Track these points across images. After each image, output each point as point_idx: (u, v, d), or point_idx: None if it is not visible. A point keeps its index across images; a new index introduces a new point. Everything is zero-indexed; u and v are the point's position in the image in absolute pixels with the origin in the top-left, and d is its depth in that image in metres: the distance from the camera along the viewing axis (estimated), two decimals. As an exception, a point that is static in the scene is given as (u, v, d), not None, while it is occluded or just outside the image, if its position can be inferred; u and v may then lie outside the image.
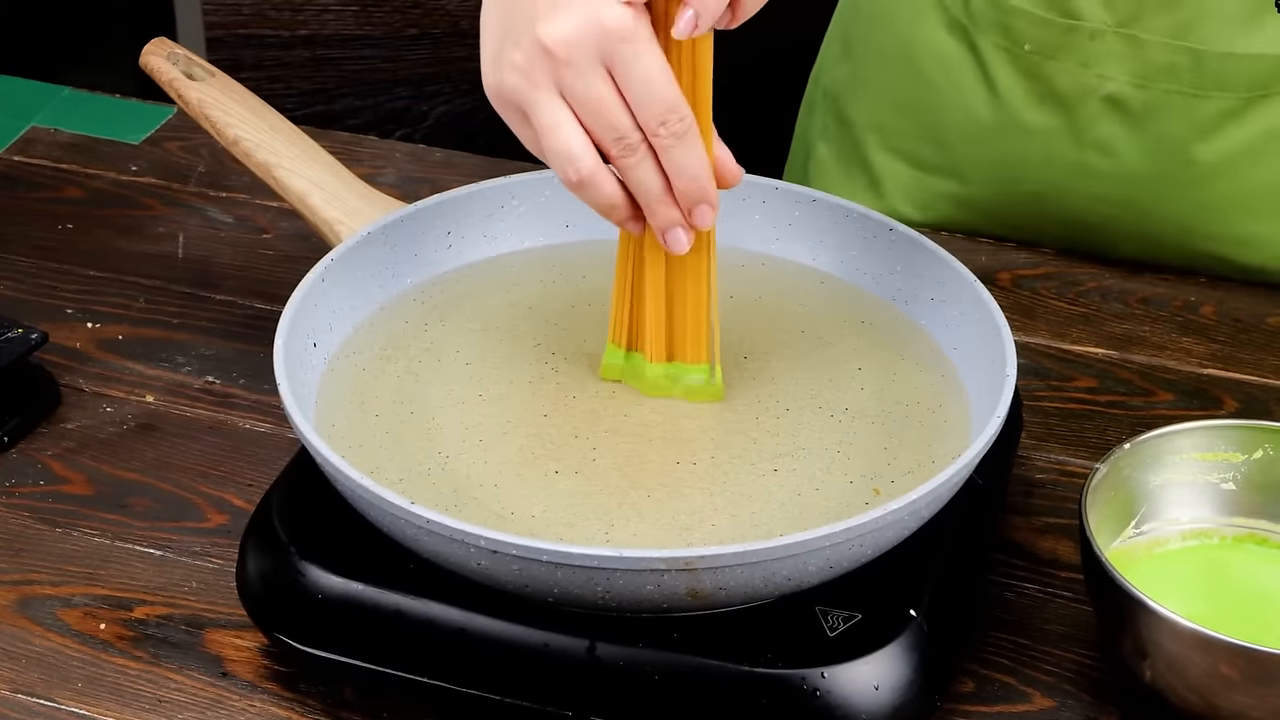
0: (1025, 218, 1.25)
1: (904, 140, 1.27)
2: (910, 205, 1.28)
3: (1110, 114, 1.18)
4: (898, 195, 1.28)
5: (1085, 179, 1.21)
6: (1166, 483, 0.94)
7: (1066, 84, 1.19)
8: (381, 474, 0.89)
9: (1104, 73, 1.17)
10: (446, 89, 2.00)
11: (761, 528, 0.87)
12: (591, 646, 0.84)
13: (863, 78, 1.29)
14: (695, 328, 0.93)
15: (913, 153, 1.27)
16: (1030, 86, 1.20)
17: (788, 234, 1.06)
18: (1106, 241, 1.23)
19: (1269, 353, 1.15)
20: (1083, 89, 1.18)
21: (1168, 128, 1.18)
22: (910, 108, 1.26)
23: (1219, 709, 0.84)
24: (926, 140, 1.26)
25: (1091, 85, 1.18)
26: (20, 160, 1.32)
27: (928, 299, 1.00)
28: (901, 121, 1.27)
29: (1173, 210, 1.20)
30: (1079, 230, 1.23)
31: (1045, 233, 1.24)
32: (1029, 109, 1.21)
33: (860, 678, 0.83)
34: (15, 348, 1.05)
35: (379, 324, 1.00)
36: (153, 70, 1.08)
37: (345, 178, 1.05)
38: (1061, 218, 1.23)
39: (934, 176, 1.27)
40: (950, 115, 1.24)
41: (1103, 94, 1.18)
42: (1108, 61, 1.17)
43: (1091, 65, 1.17)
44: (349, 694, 0.90)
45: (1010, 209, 1.25)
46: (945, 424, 0.94)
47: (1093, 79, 1.18)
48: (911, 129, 1.27)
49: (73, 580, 0.97)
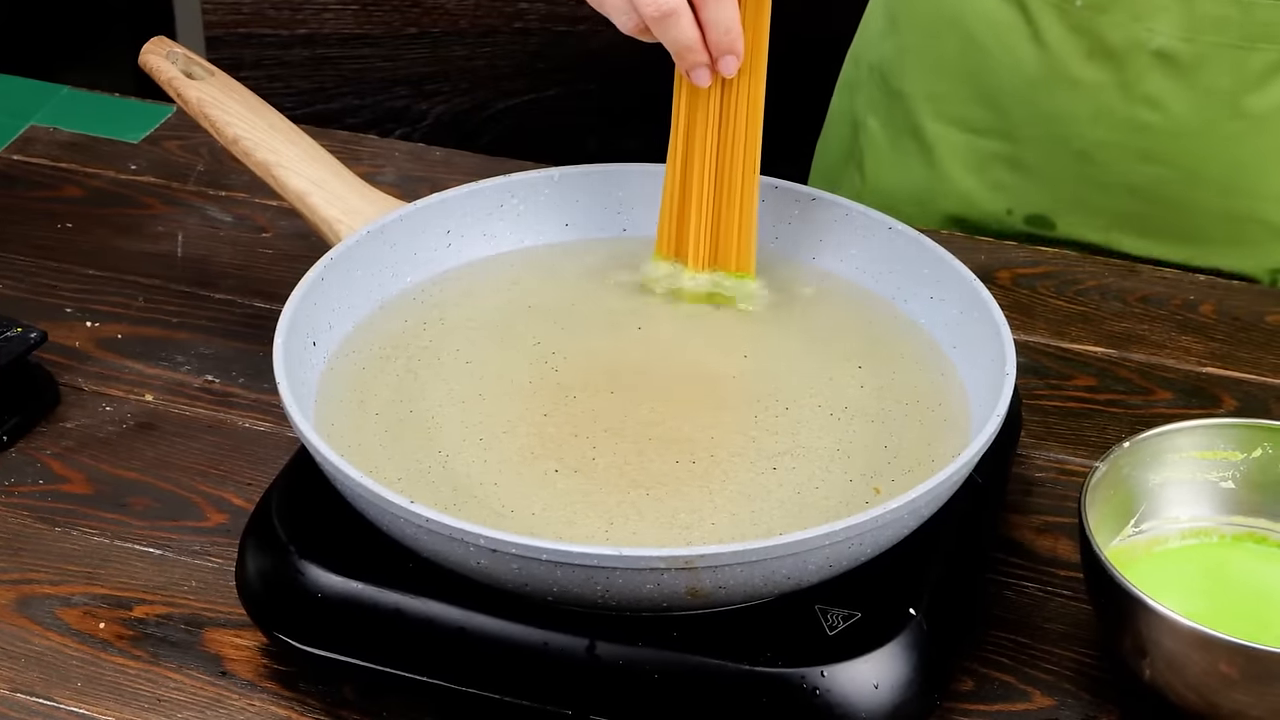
0: (1074, 181, 1.27)
1: (956, 105, 1.30)
2: (963, 169, 1.30)
3: (1159, 68, 1.20)
4: (952, 161, 1.31)
5: (1134, 134, 1.23)
6: (1166, 481, 0.94)
7: (1117, 38, 1.20)
8: (381, 473, 0.89)
9: (1154, 26, 1.19)
10: (446, 88, 2.00)
11: (761, 526, 0.87)
12: (591, 645, 0.84)
13: (911, 49, 1.32)
14: (739, 234, 1.00)
15: (965, 117, 1.30)
16: (1080, 41, 1.22)
17: (786, 233, 1.06)
18: (1149, 211, 1.25)
19: (1268, 351, 1.15)
20: (1132, 43, 1.20)
21: (1216, 81, 1.20)
22: (961, 73, 1.29)
23: (1218, 707, 0.84)
24: (978, 103, 1.29)
25: (1141, 39, 1.20)
26: (19, 159, 1.31)
27: (927, 297, 1.00)
28: (953, 87, 1.29)
29: (1218, 168, 1.22)
30: (1123, 196, 1.24)
31: (1090, 203, 1.26)
32: (1078, 63, 1.23)
33: (860, 676, 0.83)
34: (14, 347, 1.05)
35: (378, 323, 1.00)
36: (152, 69, 1.08)
37: (345, 177, 1.05)
38: (1107, 179, 1.24)
39: (986, 139, 1.29)
40: (1001, 76, 1.26)
41: (1152, 48, 1.19)
42: (1158, 15, 1.19)
43: (1142, 19, 1.19)
44: (348, 693, 0.90)
45: (1060, 170, 1.27)
46: (945, 422, 0.94)
47: (1143, 32, 1.19)
48: (963, 93, 1.29)
49: (72, 579, 0.97)
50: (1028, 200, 1.29)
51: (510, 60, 1.94)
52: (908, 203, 1.32)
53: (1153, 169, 1.24)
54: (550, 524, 0.87)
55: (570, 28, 1.91)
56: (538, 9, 1.90)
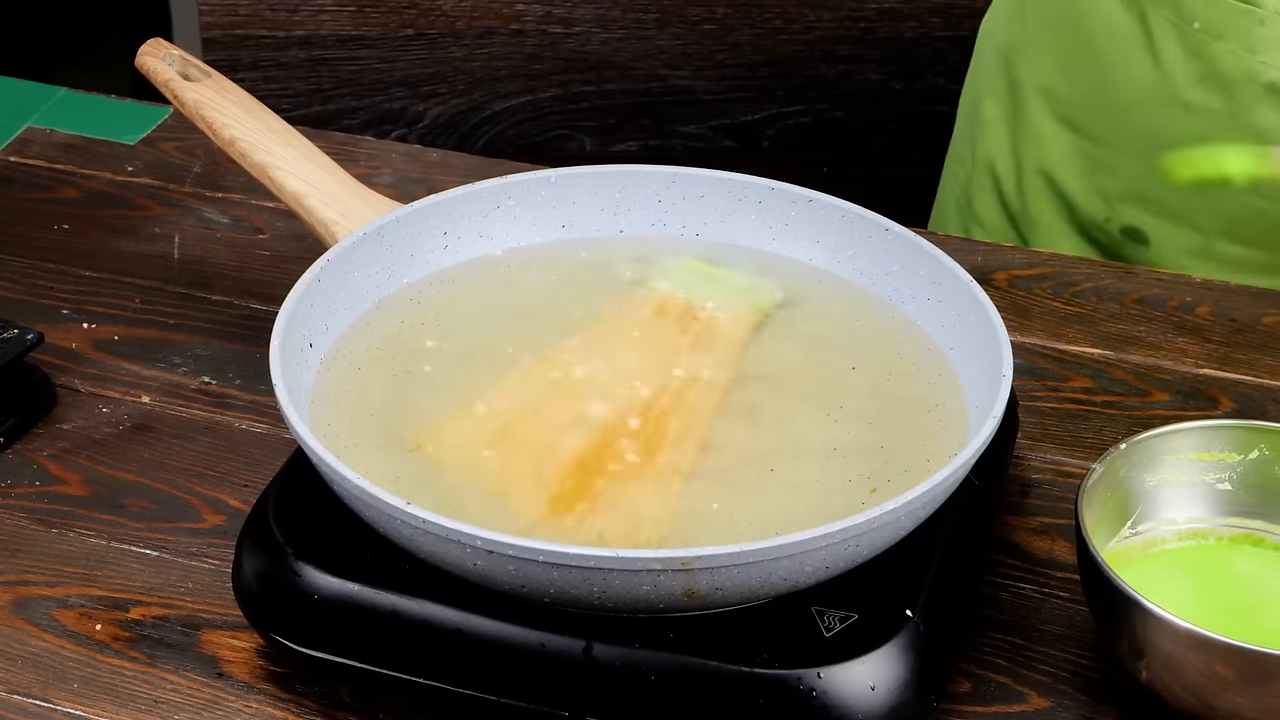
0: (1176, 202, 1.26)
1: (1068, 106, 1.30)
2: (1068, 169, 1.30)
3: (1270, 101, 1.20)
4: (1058, 159, 1.30)
5: None
6: (1162, 483, 0.94)
7: (1229, 66, 1.20)
8: (377, 474, 0.89)
9: (1268, 60, 1.19)
10: (443, 89, 2.00)
11: (757, 528, 0.87)
12: (588, 647, 0.84)
13: (1033, 39, 1.32)
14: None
15: (1074, 118, 1.30)
16: (1194, 65, 1.21)
17: (784, 234, 1.06)
18: (1249, 235, 1.24)
19: (1265, 353, 1.15)
20: (1245, 74, 1.20)
21: None
22: (1077, 74, 1.29)
23: (1215, 709, 0.84)
24: (1089, 108, 1.28)
25: (1255, 70, 1.19)
26: (16, 161, 1.31)
27: (924, 299, 1.00)
28: (1068, 87, 1.30)
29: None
30: (1224, 222, 1.24)
31: (1189, 225, 1.26)
32: (1190, 87, 1.22)
33: (856, 678, 0.83)
34: (11, 348, 1.05)
35: (375, 324, 1.00)
36: (148, 71, 1.08)
37: (341, 178, 1.05)
38: (1210, 205, 1.24)
39: (1092, 144, 1.29)
40: (1115, 86, 1.26)
41: (1265, 80, 1.19)
42: (1273, 49, 1.18)
43: (1257, 51, 1.19)
44: (345, 694, 0.90)
45: (1160, 189, 1.27)
46: (941, 424, 0.94)
47: (1257, 64, 1.19)
48: (1076, 95, 1.29)
49: (68, 581, 0.97)
50: (1124, 212, 1.29)
51: (507, 62, 1.94)
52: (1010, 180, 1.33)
53: (1257, 201, 1.23)
54: (547, 525, 0.87)
55: (567, 29, 1.91)
56: (534, 11, 1.90)
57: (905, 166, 1.77)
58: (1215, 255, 1.27)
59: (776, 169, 1.16)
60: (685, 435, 0.92)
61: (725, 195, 1.06)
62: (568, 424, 0.93)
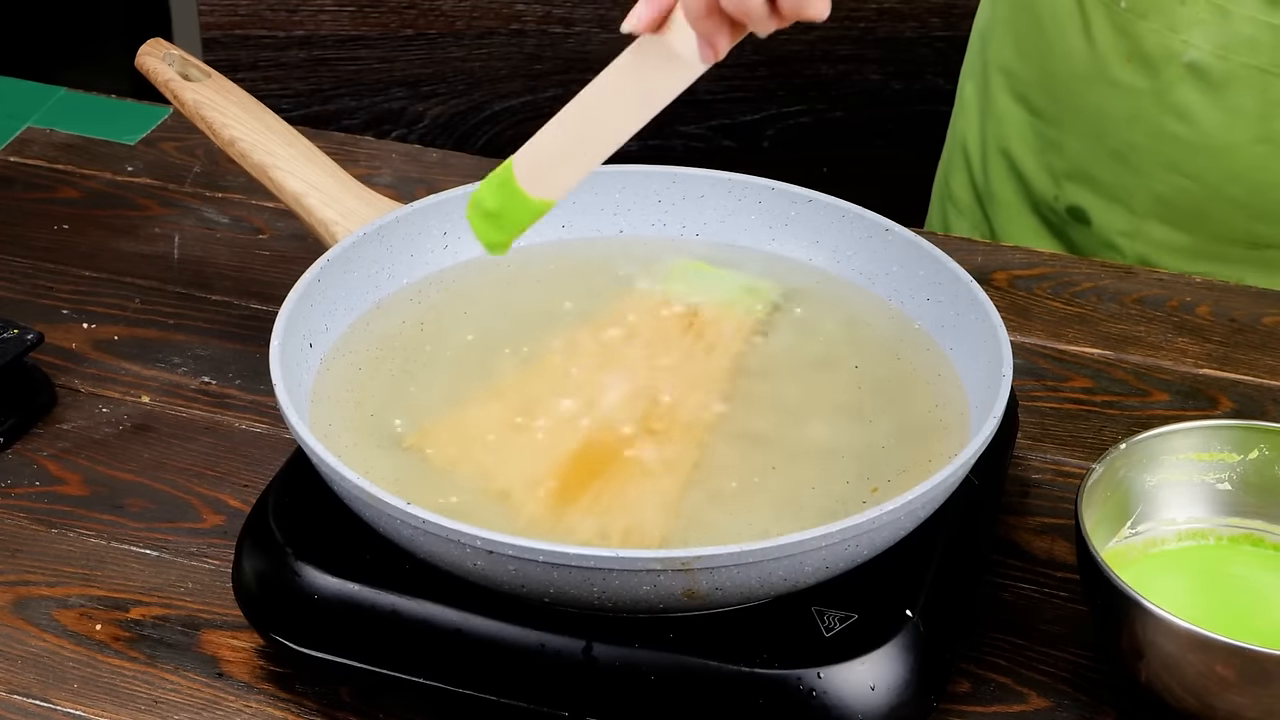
0: (1110, 179, 1.28)
1: (1022, 85, 1.32)
2: (1023, 146, 1.32)
3: (1191, 81, 1.20)
4: (1015, 137, 1.33)
5: (1163, 143, 1.24)
6: (1162, 483, 0.94)
7: (1153, 45, 1.22)
8: (377, 474, 0.89)
9: (1189, 39, 1.19)
10: (442, 89, 2.00)
11: (757, 528, 0.87)
12: (588, 647, 0.84)
13: (1000, 20, 1.34)
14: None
15: (1028, 97, 1.32)
16: (1122, 43, 1.23)
17: (784, 234, 1.06)
18: (1175, 221, 1.25)
19: (1264, 353, 1.15)
20: (1167, 52, 1.21)
21: (1244, 101, 1.20)
22: (1029, 53, 1.31)
23: (1214, 709, 0.84)
24: (1039, 87, 1.31)
25: (1176, 50, 1.20)
26: (16, 161, 1.31)
27: (924, 299, 1.00)
28: (1022, 67, 1.32)
29: (1242, 189, 1.23)
30: (1151, 203, 1.26)
31: (1122, 204, 1.28)
32: (1119, 66, 1.24)
33: (856, 678, 0.83)
34: (11, 348, 1.05)
35: (374, 324, 1.00)
36: (148, 71, 1.08)
37: (341, 178, 1.05)
38: (1137, 183, 1.26)
39: (1042, 122, 1.31)
40: (1057, 64, 1.28)
41: (1185, 60, 1.20)
42: (1193, 28, 1.19)
43: (1179, 30, 1.20)
44: (345, 694, 0.90)
45: (1098, 166, 1.28)
46: (941, 424, 0.94)
47: (1178, 44, 1.20)
48: (1029, 73, 1.31)
49: (68, 581, 0.96)
50: (1070, 191, 1.30)
51: (507, 62, 1.94)
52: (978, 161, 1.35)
53: (1180, 180, 1.24)
54: (547, 525, 0.87)
55: (567, 30, 1.91)
56: (534, 11, 1.90)
57: (905, 166, 1.76)
58: (1145, 237, 1.28)
59: (776, 169, 1.16)
60: (685, 435, 0.92)
61: (725, 195, 1.06)
62: (568, 424, 0.93)
